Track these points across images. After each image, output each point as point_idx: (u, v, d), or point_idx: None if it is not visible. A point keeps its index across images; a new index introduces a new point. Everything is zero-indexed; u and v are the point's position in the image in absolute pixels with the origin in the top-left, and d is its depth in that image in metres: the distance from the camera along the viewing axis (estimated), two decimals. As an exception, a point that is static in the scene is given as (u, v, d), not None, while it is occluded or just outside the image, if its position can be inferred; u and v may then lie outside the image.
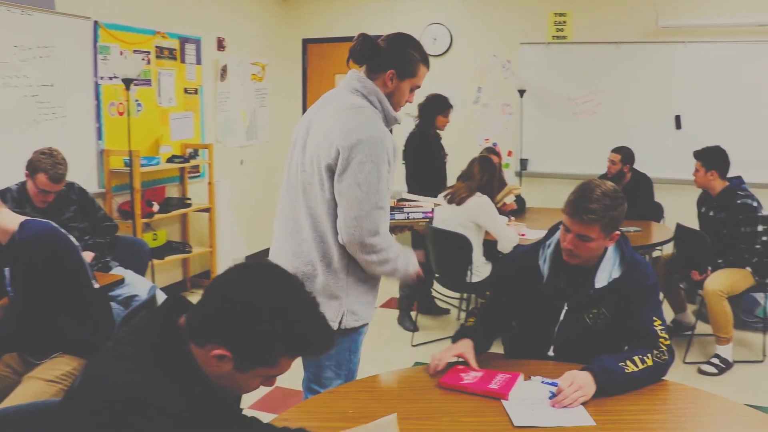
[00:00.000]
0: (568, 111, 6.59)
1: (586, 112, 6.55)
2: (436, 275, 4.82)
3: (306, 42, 7.24)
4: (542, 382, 1.99)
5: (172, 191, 5.83)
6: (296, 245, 2.34)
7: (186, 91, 5.89)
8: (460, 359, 2.20)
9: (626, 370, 2.02)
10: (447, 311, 5.45)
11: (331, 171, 2.21)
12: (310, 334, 1.36)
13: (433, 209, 2.63)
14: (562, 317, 2.34)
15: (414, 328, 4.96)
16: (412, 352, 4.55)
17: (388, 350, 4.55)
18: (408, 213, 2.54)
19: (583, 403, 1.90)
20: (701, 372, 4.27)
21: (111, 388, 1.28)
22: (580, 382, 1.93)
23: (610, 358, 2.07)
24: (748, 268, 4.39)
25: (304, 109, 7.26)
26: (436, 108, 5.00)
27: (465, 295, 5.34)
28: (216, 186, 5.96)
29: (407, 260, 2.35)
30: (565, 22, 6.45)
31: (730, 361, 4.36)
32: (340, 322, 2.28)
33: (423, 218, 2.58)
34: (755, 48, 6.04)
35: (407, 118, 6.31)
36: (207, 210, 5.97)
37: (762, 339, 4.73)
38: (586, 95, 6.53)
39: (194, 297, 5.86)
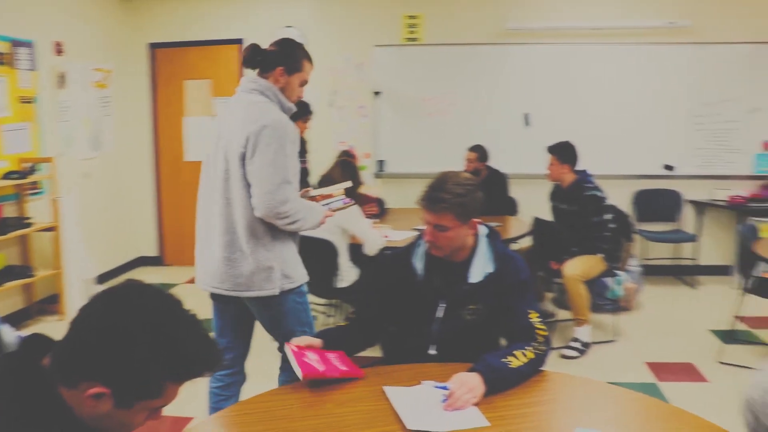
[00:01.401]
0: (423, 111, 6.71)
1: (441, 112, 6.71)
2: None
3: (153, 47, 6.89)
4: (433, 386, 1.97)
5: (9, 210, 5.33)
6: (225, 237, 2.67)
7: (21, 100, 5.41)
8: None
9: (511, 366, 2.05)
10: (314, 318, 5.37)
11: (243, 159, 2.57)
12: (195, 355, 1.24)
13: (345, 195, 3.09)
14: (439, 314, 2.35)
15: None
16: (285, 362, 4.44)
17: (261, 362, 4.40)
18: (329, 205, 2.97)
19: (475, 404, 1.91)
20: (564, 357, 4.48)
21: None
22: (469, 383, 1.94)
23: (493, 356, 2.09)
24: (600, 255, 4.66)
25: (154, 117, 6.93)
26: (296, 113, 4.90)
27: (332, 301, 5.30)
28: (59, 202, 5.52)
29: (314, 214, 2.75)
30: (417, 24, 6.57)
31: (589, 342, 4.61)
32: (281, 288, 2.68)
33: (344, 206, 3.05)
34: (594, 49, 6.49)
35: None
36: (51, 229, 5.51)
37: (614, 320, 5.06)
38: (439, 96, 6.68)
39: (41, 326, 5.41)
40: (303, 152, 5.10)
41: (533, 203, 5.78)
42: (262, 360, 4.46)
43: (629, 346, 4.74)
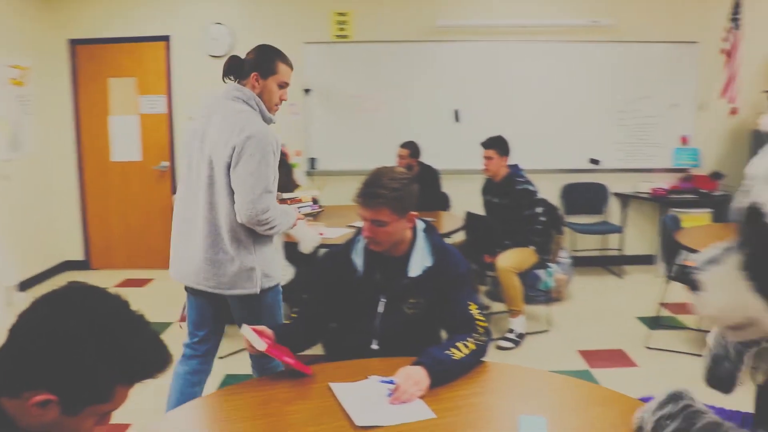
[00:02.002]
0: (354, 108, 6.71)
1: (372, 108, 6.72)
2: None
3: (74, 43, 6.64)
4: (379, 381, 1.97)
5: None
6: (208, 239, 2.77)
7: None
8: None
9: (454, 358, 2.07)
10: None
11: (228, 168, 2.66)
12: (145, 356, 1.20)
13: (315, 200, 3.41)
14: (381, 309, 2.37)
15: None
16: (221, 365, 4.36)
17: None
18: (299, 209, 3.20)
19: (421, 397, 1.92)
20: (500, 348, 4.56)
21: None
22: (415, 377, 1.95)
23: (436, 348, 2.11)
24: (532, 247, 4.76)
25: (77, 116, 6.68)
26: None
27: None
28: (-22, 206, 5.28)
29: (288, 217, 2.87)
30: (346, 21, 6.56)
31: (523, 333, 4.71)
32: (261, 287, 2.79)
33: (312, 212, 3.38)
34: (522, 47, 6.63)
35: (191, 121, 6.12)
36: (-31, 233, 5.28)
37: (546, 310, 5.18)
38: (370, 93, 6.69)
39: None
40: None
41: (465, 198, 5.85)
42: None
43: (562, 336, 4.86)
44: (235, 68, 2.83)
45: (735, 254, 1.28)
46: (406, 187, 2.32)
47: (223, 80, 2.87)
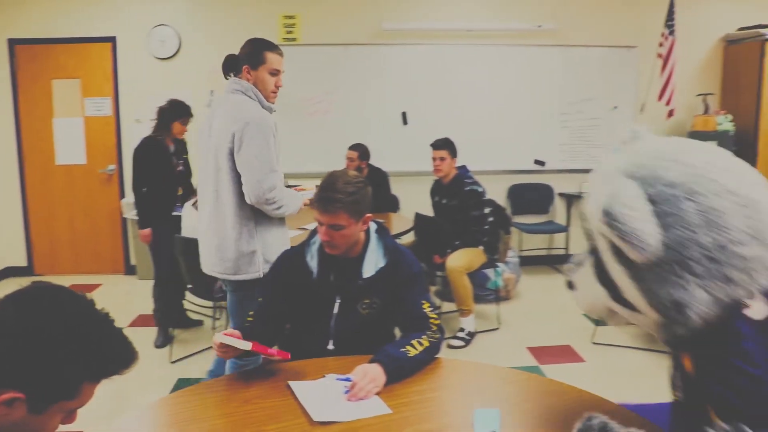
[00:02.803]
0: (303, 111, 6.71)
1: (320, 111, 6.74)
2: (189, 286, 4.63)
3: (13, 43, 6.47)
4: (336, 378, 2.01)
5: None
6: (214, 225, 3.01)
7: None
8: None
9: (409, 355, 2.13)
10: (200, 322, 5.26)
11: (231, 154, 2.89)
12: (111, 352, 1.23)
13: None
14: (336, 310, 2.40)
15: (163, 342, 4.72)
16: (173, 369, 4.33)
17: (147, 371, 4.28)
18: (304, 195, 3.26)
19: (377, 393, 1.97)
20: (451, 347, 4.64)
21: None
22: (371, 374, 1.99)
23: (391, 346, 2.16)
24: (481, 247, 4.86)
25: (17, 118, 6.51)
26: (174, 114, 4.74)
27: (218, 304, 5.23)
28: None
29: (295, 200, 3.05)
30: (294, 24, 6.56)
31: (473, 331, 4.80)
32: (263, 271, 2.92)
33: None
34: (468, 50, 6.73)
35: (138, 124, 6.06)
36: None
37: (496, 309, 5.29)
38: (319, 96, 6.71)
39: None
40: (182, 153, 4.98)
41: (414, 200, 5.92)
42: (150, 366, 4.36)
43: (511, 333, 4.97)
44: (231, 65, 3.11)
45: (589, 258, 1.60)
46: (361, 190, 2.37)
47: (225, 78, 3.13)
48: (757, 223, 1.39)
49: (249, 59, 3.01)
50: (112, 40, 6.45)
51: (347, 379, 1.98)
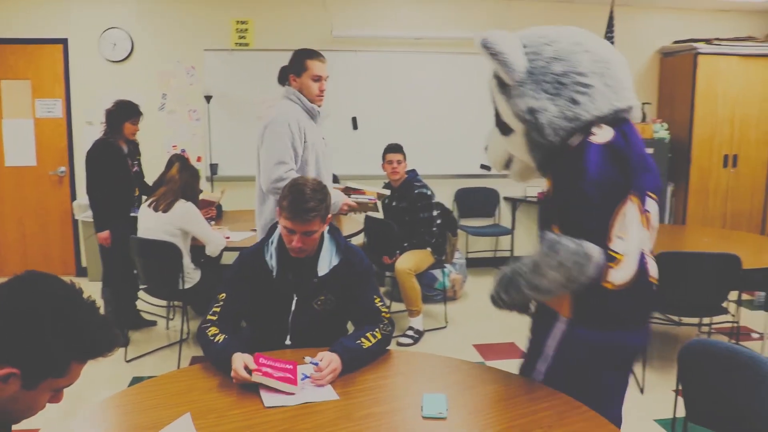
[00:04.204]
0: (254, 115, 6.78)
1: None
2: (143, 286, 4.70)
3: (-42, 44, 6.42)
4: (310, 361, 2.14)
5: None
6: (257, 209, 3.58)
7: None
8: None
9: (364, 346, 2.28)
10: (154, 323, 5.31)
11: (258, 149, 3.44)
12: (97, 334, 1.34)
13: (377, 196, 3.92)
14: (293, 307, 2.52)
15: (125, 342, 4.78)
16: (128, 368, 4.38)
17: (102, 371, 4.32)
18: (356, 198, 3.81)
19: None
20: (400, 344, 4.80)
21: None
22: (334, 364, 2.14)
23: (347, 338, 2.32)
24: (429, 249, 5.03)
25: (-35, 120, 6.44)
26: (124, 114, 4.76)
27: (171, 304, 5.29)
28: None
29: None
30: (246, 29, 6.65)
31: (422, 330, 4.97)
32: None
33: (369, 201, 3.85)
34: (415, 57, 6.93)
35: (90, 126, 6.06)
36: None
37: (443, 309, 5.48)
38: (271, 99, 6.78)
39: None
40: (136, 154, 5.02)
41: (365, 203, 6.06)
42: (104, 366, 4.39)
43: (458, 331, 5.16)
44: (282, 75, 3.64)
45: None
46: (327, 194, 2.50)
47: (282, 86, 3.62)
48: (601, 67, 1.99)
49: (293, 68, 3.44)
50: (63, 41, 6.44)
51: (315, 363, 2.12)
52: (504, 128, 2.21)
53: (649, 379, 4.13)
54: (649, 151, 6.76)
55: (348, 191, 3.91)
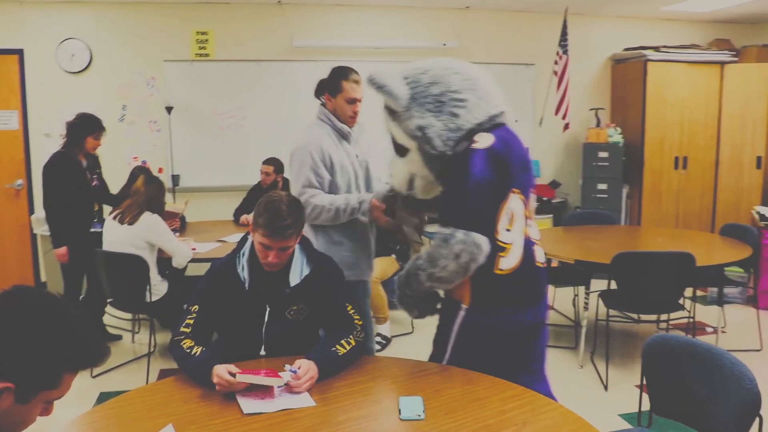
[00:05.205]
0: (216, 126, 6.79)
1: (233, 126, 6.84)
2: (110, 300, 4.66)
3: None
4: (289, 369, 2.18)
5: None
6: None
7: None
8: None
9: (339, 354, 2.34)
10: (119, 337, 5.27)
11: None
12: (88, 346, 1.37)
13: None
14: (266, 318, 2.55)
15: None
16: (95, 384, 4.34)
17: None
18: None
19: (306, 388, 2.17)
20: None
21: None
22: (312, 372, 2.19)
23: (322, 346, 2.36)
24: (393, 256, 5.10)
25: None
26: (86, 129, 4.68)
27: (137, 317, 5.27)
28: None
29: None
30: (207, 40, 6.65)
31: (389, 336, 5.03)
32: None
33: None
34: (374, 66, 6.74)
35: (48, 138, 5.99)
36: None
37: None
38: (231, 110, 6.81)
39: None
40: (95, 168, 4.96)
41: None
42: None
43: (425, 337, 5.12)
44: (317, 91, 3.74)
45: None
46: (302, 210, 2.55)
47: (317, 99, 3.66)
48: (471, 84, 2.40)
49: (329, 86, 3.38)
50: (19, 52, 6.34)
51: (293, 371, 2.17)
52: (401, 150, 2.58)
53: (612, 376, 4.26)
54: (604, 154, 6.99)
55: None
